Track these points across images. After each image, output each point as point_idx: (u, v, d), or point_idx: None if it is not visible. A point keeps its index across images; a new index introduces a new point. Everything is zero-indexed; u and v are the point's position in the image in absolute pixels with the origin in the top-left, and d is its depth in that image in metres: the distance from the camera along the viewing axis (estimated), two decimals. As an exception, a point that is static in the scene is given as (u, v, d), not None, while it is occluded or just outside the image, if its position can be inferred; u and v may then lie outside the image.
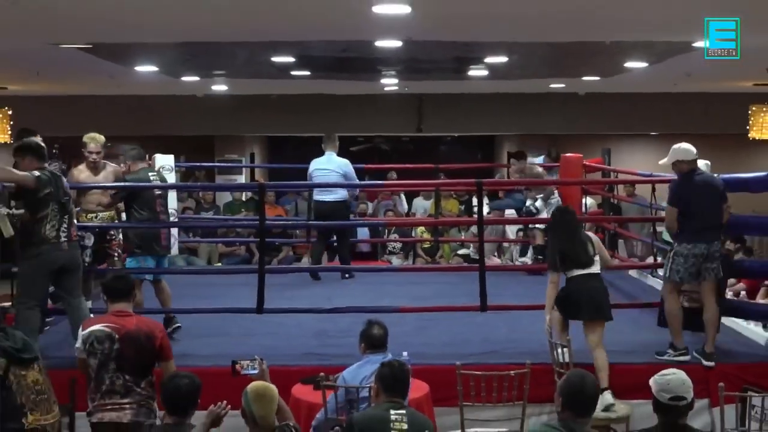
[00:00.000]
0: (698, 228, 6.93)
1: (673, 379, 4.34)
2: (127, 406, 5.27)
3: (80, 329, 5.45)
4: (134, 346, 5.30)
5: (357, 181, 10.55)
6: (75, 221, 7.12)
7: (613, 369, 6.65)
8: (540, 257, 10.47)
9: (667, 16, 7.35)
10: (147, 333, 5.37)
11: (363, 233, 13.31)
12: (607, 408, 6.35)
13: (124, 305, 5.48)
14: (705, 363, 6.86)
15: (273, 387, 4.55)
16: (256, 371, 4.91)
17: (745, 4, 6.45)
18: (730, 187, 7.72)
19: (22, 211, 6.75)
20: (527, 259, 11.06)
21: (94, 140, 7.99)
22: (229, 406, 4.70)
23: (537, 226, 10.59)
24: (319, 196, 10.30)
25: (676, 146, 7.17)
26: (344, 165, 10.33)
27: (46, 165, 6.88)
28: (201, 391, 4.83)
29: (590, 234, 7.17)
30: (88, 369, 5.34)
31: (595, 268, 6.81)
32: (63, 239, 6.76)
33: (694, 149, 7.11)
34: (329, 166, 10.26)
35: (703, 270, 6.94)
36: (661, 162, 7.39)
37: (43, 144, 7.10)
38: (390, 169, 13.86)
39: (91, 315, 6.72)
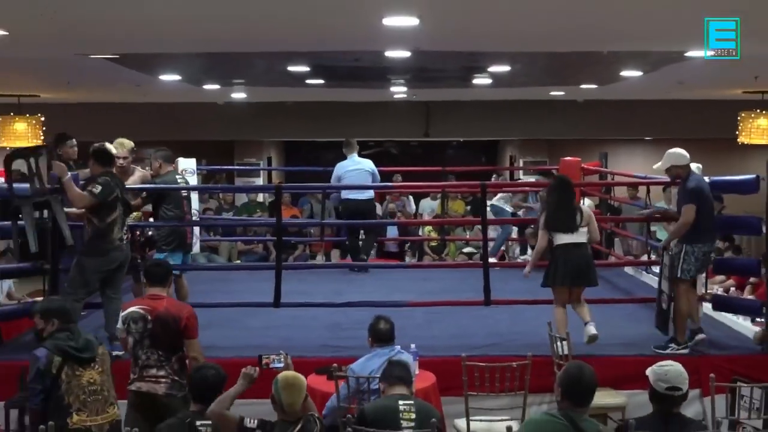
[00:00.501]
0: (709, 227, 6.98)
1: (671, 370, 4.35)
2: (162, 379, 5.49)
3: (121, 311, 5.72)
4: (163, 325, 5.53)
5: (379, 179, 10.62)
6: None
7: (610, 361, 6.66)
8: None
9: (662, 27, 7.32)
10: (174, 315, 5.59)
11: (392, 233, 13.28)
12: (592, 339, 6.72)
13: (159, 289, 5.73)
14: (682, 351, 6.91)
15: (302, 377, 4.59)
16: (282, 365, 4.96)
17: (738, 12, 6.39)
18: (722, 188, 7.72)
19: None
20: (528, 257, 11.04)
21: (122, 146, 7.95)
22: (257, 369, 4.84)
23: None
24: (353, 195, 10.29)
25: (671, 151, 7.16)
26: (371, 164, 10.50)
27: (111, 170, 6.95)
28: (226, 382, 4.89)
29: (584, 207, 7.22)
30: (127, 346, 5.61)
31: (581, 238, 6.94)
32: (124, 240, 6.89)
33: (687, 154, 7.11)
34: (360, 167, 10.36)
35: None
36: (655, 166, 7.39)
37: (109, 149, 7.07)
38: (395, 172, 13.78)
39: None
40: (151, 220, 8.23)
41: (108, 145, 7.16)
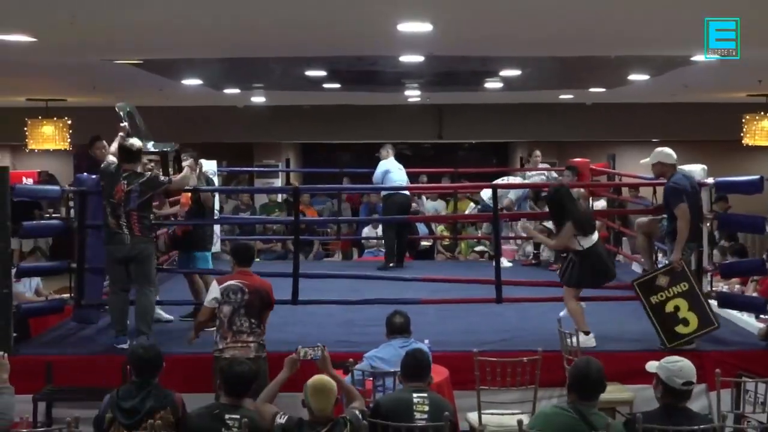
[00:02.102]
0: (694, 227, 6.91)
1: (684, 365, 4.31)
2: (252, 344, 6.05)
3: (214, 284, 6.22)
4: (258, 296, 6.16)
5: None
6: (145, 216, 6.97)
7: (618, 356, 6.63)
8: (536, 251, 11.11)
9: (666, 31, 7.30)
10: (265, 287, 6.26)
11: (422, 232, 13.24)
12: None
13: (247, 267, 6.31)
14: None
15: (331, 382, 4.59)
16: (318, 357, 5.00)
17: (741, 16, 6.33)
18: (727, 189, 7.67)
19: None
20: (549, 254, 10.91)
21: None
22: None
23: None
24: (402, 191, 10.70)
25: (659, 149, 7.23)
26: None
27: (135, 168, 6.98)
28: (257, 376, 5.05)
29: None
30: (220, 315, 6.10)
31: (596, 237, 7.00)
32: (125, 231, 6.83)
33: (674, 154, 7.14)
34: (400, 167, 10.86)
35: None
36: (642, 161, 7.42)
37: (134, 146, 7.08)
38: (420, 173, 13.73)
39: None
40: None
41: (132, 142, 7.14)
